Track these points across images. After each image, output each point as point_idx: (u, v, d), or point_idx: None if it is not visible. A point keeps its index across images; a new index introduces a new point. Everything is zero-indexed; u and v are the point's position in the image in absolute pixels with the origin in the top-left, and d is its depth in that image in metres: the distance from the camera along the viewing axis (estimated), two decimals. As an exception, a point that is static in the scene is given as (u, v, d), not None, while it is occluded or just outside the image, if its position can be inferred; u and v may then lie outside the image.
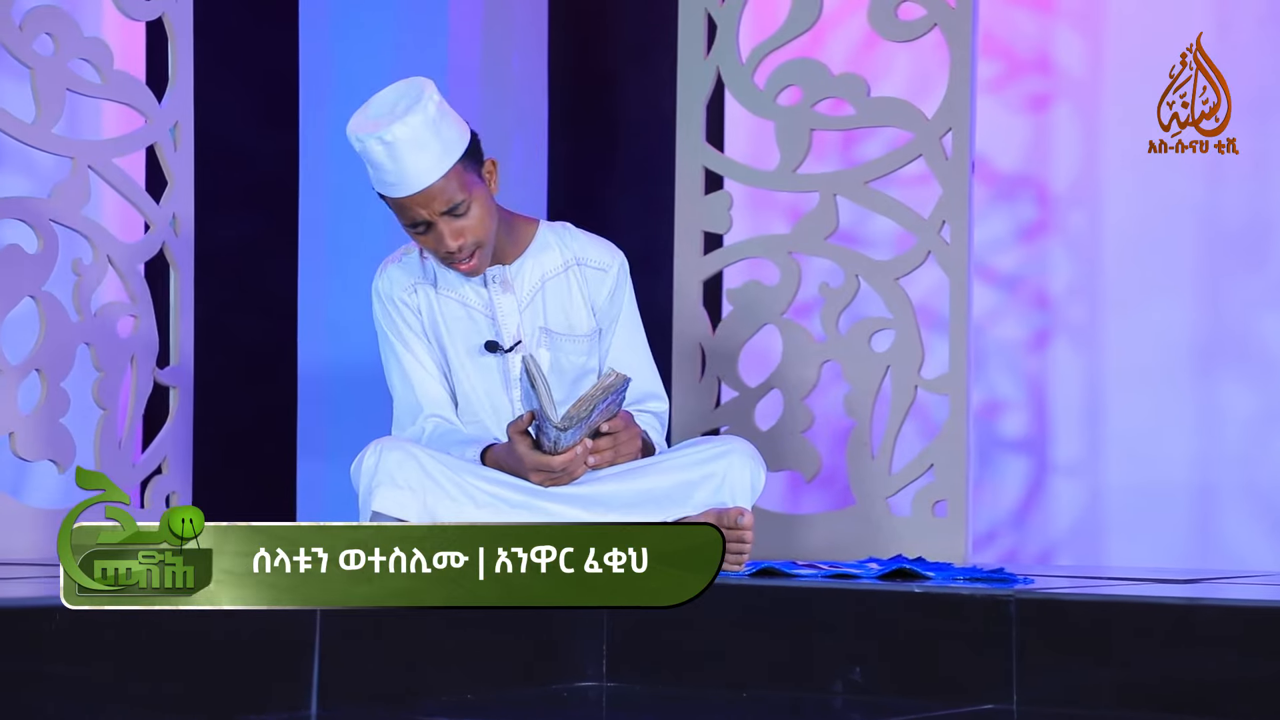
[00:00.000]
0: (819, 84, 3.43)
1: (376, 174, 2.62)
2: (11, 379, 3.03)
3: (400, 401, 2.74)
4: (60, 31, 3.13)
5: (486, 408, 2.69)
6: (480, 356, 2.69)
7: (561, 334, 2.71)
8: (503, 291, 2.71)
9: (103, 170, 3.21)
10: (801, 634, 2.27)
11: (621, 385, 2.47)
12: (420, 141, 2.57)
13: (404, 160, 2.57)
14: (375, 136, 2.57)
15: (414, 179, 2.57)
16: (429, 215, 2.60)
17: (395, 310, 2.73)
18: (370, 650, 2.08)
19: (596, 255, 2.76)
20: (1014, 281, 3.76)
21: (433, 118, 2.58)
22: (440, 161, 2.58)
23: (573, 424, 2.47)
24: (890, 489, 3.34)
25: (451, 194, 2.59)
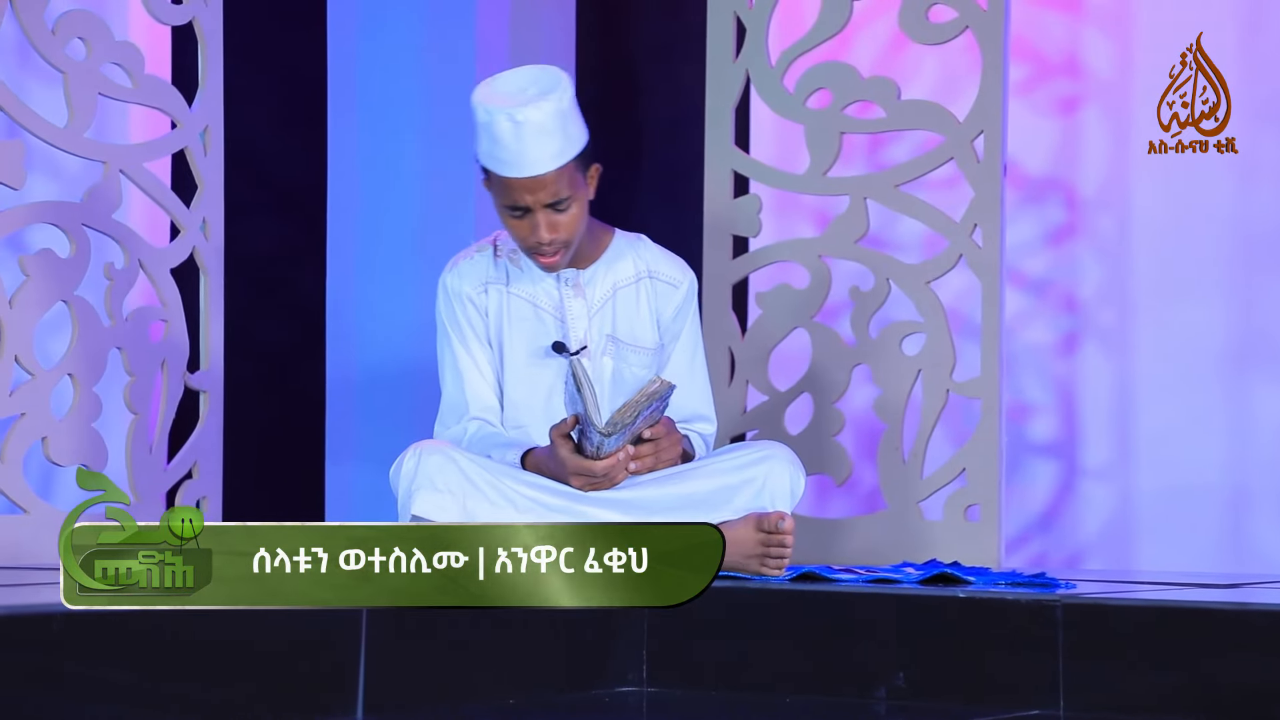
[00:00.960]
0: (849, 87, 3.42)
1: (493, 149, 2.61)
2: (44, 383, 3.03)
3: (448, 398, 2.74)
4: (92, 35, 3.13)
5: (540, 411, 2.68)
6: (542, 360, 2.69)
7: (627, 343, 2.73)
8: (574, 295, 2.72)
9: (134, 175, 3.21)
10: (844, 639, 2.26)
11: (666, 392, 2.46)
12: (547, 129, 2.58)
13: (527, 143, 2.57)
14: (506, 113, 2.57)
15: (531, 163, 2.58)
16: (532, 202, 2.61)
17: (461, 307, 2.73)
18: (414, 655, 2.07)
19: (669, 270, 2.78)
20: (1043, 285, 3.74)
21: (564, 109, 2.60)
22: (560, 154, 2.60)
23: (617, 430, 2.47)
24: (922, 493, 3.33)
25: (560, 188, 2.61)
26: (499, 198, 2.64)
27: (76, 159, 3.19)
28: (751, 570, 2.53)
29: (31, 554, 2.97)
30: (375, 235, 3.73)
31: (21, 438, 2.99)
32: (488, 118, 2.59)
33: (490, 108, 2.59)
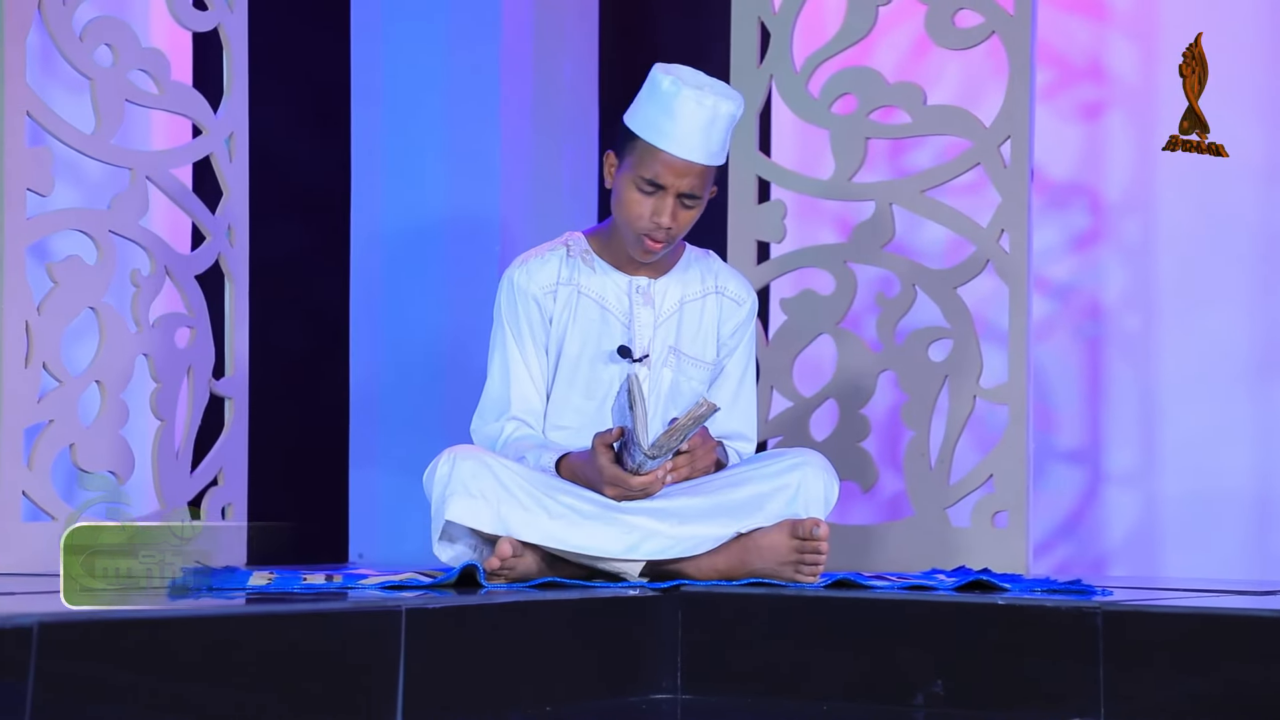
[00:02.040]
0: (875, 92, 3.41)
1: (662, 121, 2.63)
2: (72, 390, 3.03)
3: (491, 392, 2.74)
4: (119, 42, 3.13)
5: (590, 414, 2.68)
6: (600, 364, 2.69)
7: (689, 357, 2.73)
8: (644, 304, 2.72)
9: (159, 181, 3.21)
10: (881, 646, 2.25)
11: (710, 414, 2.46)
12: (720, 127, 2.65)
13: (703, 129, 2.63)
14: (696, 92, 2.63)
15: (695, 149, 2.63)
16: (673, 184, 2.63)
17: (524, 305, 2.73)
18: (453, 660, 2.06)
19: (735, 288, 2.81)
20: (1067, 290, 3.73)
21: (735, 121, 2.69)
22: (717, 154, 2.67)
23: (661, 453, 2.47)
24: (949, 499, 3.32)
25: (700, 184, 2.66)
26: (639, 168, 2.65)
27: (97, 165, 3.19)
28: (785, 577, 2.52)
29: (60, 561, 2.96)
30: (399, 240, 3.72)
31: (50, 444, 2.99)
32: (675, 90, 2.63)
33: (679, 81, 2.64)
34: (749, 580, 2.51)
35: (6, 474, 2.90)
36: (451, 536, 2.54)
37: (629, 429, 2.47)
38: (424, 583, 2.43)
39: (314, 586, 2.35)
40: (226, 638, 1.75)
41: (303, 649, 1.86)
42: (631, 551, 2.51)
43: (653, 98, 2.65)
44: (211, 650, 1.76)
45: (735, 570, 2.53)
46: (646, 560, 2.53)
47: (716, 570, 2.54)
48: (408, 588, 2.36)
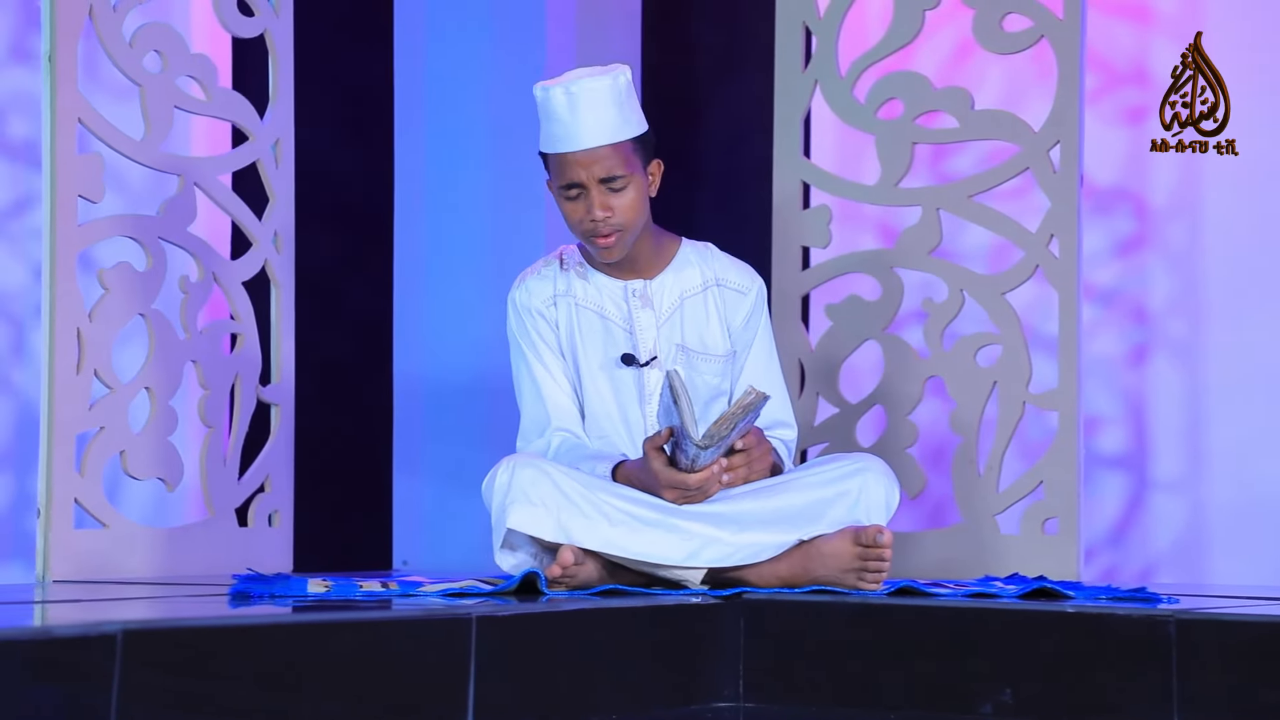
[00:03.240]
0: (922, 97, 3.40)
1: (550, 128, 2.64)
2: (123, 397, 3.02)
3: (528, 414, 2.73)
4: (168, 48, 3.12)
5: (618, 422, 2.67)
6: (616, 370, 2.68)
7: (697, 352, 2.71)
8: (642, 306, 2.70)
9: (207, 187, 3.20)
10: (948, 654, 2.24)
11: (761, 403, 2.44)
12: (601, 103, 2.62)
13: (582, 115, 2.61)
14: (561, 86, 2.63)
15: (585, 135, 2.61)
16: (587, 178, 2.62)
17: (532, 322, 2.73)
18: (522, 668, 2.05)
19: (736, 277, 2.78)
20: (1111, 296, 3.71)
21: (620, 89, 2.65)
22: (615, 130, 2.63)
23: (713, 442, 2.45)
24: (998, 506, 3.30)
25: (614, 164, 2.62)
26: (556, 179, 2.66)
27: (138, 172, 3.19)
28: (848, 584, 2.50)
29: (111, 567, 2.96)
30: (442, 248, 3.71)
31: (101, 451, 2.98)
32: (544, 94, 2.64)
33: (547, 86, 2.65)
34: (811, 588, 2.50)
35: (59, 481, 2.90)
36: (512, 545, 2.53)
37: (677, 426, 2.46)
38: (485, 590, 2.42)
39: (373, 594, 2.34)
40: (304, 645, 1.74)
41: (376, 656, 1.85)
42: (692, 559, 2.50)
43: (540, 113, 2.68)
44: (288, 657, 1.75)
45: (797, 578, 2.52)
46: (707, 568, 2.52)
47: (778, 578, 2.52)
48: (469, 595, 2.35)
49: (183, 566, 3.08)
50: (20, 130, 3.45)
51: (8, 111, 3.43)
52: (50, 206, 2.93)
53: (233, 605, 2.17)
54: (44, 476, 2.90)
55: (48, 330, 2.92)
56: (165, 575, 3.03)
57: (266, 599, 2.23)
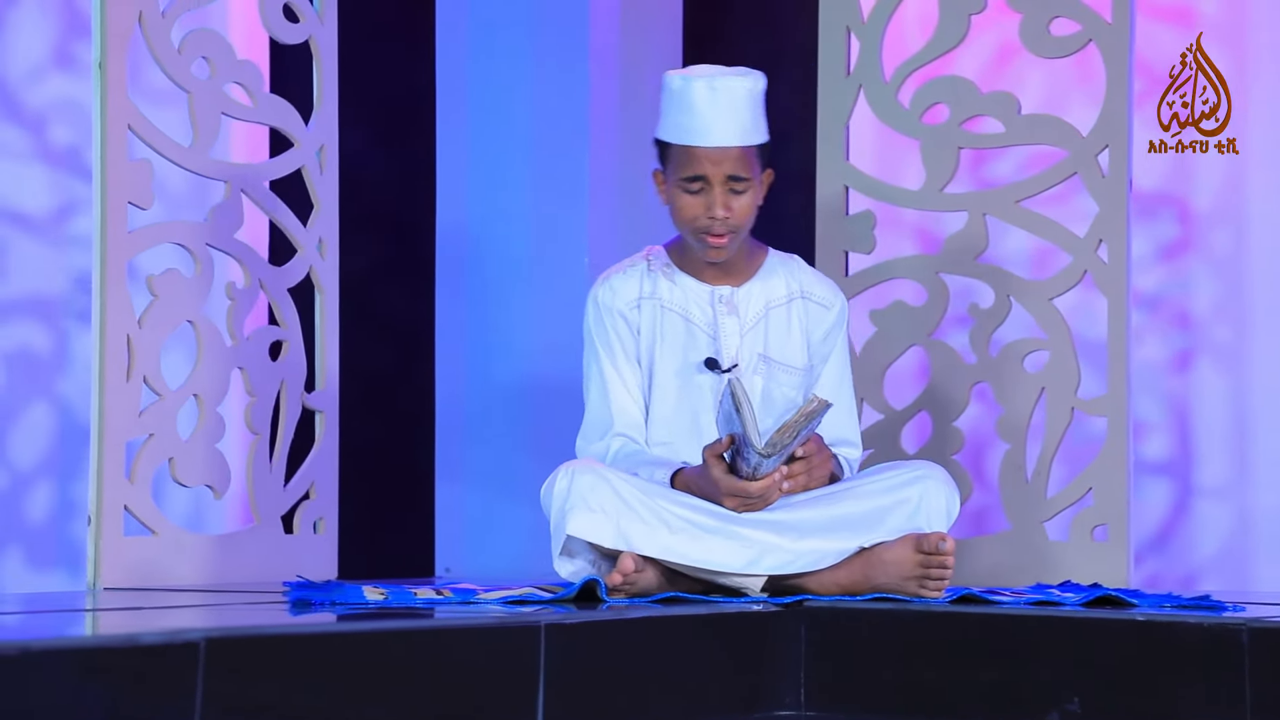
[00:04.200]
0: (968, 101, 3.38)
1: (682, 119, 2.63)
2: (171, 404, 3.01)
3: (592, 413, 2.72)
4: (216, 54, 3.12)
5: (688, 427, 2.65)
6: (694, 375, 2.67)
7: (778, 363, 2.70)
8: (728, 313, 2.69)
9: (254, 194, 3.20)
10: (1013, 663, 2.22)
11: (823, 411, 2.43)
12: (740, 103, 2.63)
13: (721, 111, 2.61)
14: (704, 80, 2.62)
15: (721, 133, 2.61)
16: (713, 174, 2.62)
17: (612, 322, 2.71)
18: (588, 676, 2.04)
19: (821, 292, 2.78)
20: (1155, 301, 3.69)
21: (757, 93, 2.66)
22: (748, 133, 2.64)
23: (775, 451, 2.43)
24: (1046, 513, 3.28)
25: (741, 166, 2.63)
26: (678, 172, 2.64)
27: (179, 179, 3.19)
28: (909, 592, 2.49)
29: (159, 575, 2.95)
30: (485, 253, 3.70)
31: (150, 459, 2.98)
32: (683, 85, 2.63)
33: (687, 76, 2.64)
34: (872, 595, 2.48)
35: (109, 488, 2.89)
36: (571, 551, 2.52)
37: (739, 434, 2.44)
38: (544, 598, 2.41)
39: (432, 601, 2.33)
40: (381, 653, 1.73)
41: (449, 663, 1.84)
42: (752, 566, 2.49)
43: (670, 101, 2.67)
44: (367, 665, 1.74)
45: (858, 585, 2.50)
46: (767, 575, 2.50)
47: (838, 585, 2.51)
48: (529, 602, 2.34)
49: (229, 574, 3.07)
50: (63, 137, 3.45)
51: (50, 119, 3.43)
52: (101, 213, 2.93)
53: (293, 613, 2.16)
54: (94, 484, 2.89)
55: (98, 337, 2.91)
56: (212, 582, 3.02)
57: (327, 606, 2.22)
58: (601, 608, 2.29)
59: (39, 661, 1.43)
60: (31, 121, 3.42)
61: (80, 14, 3.45)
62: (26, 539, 3.38)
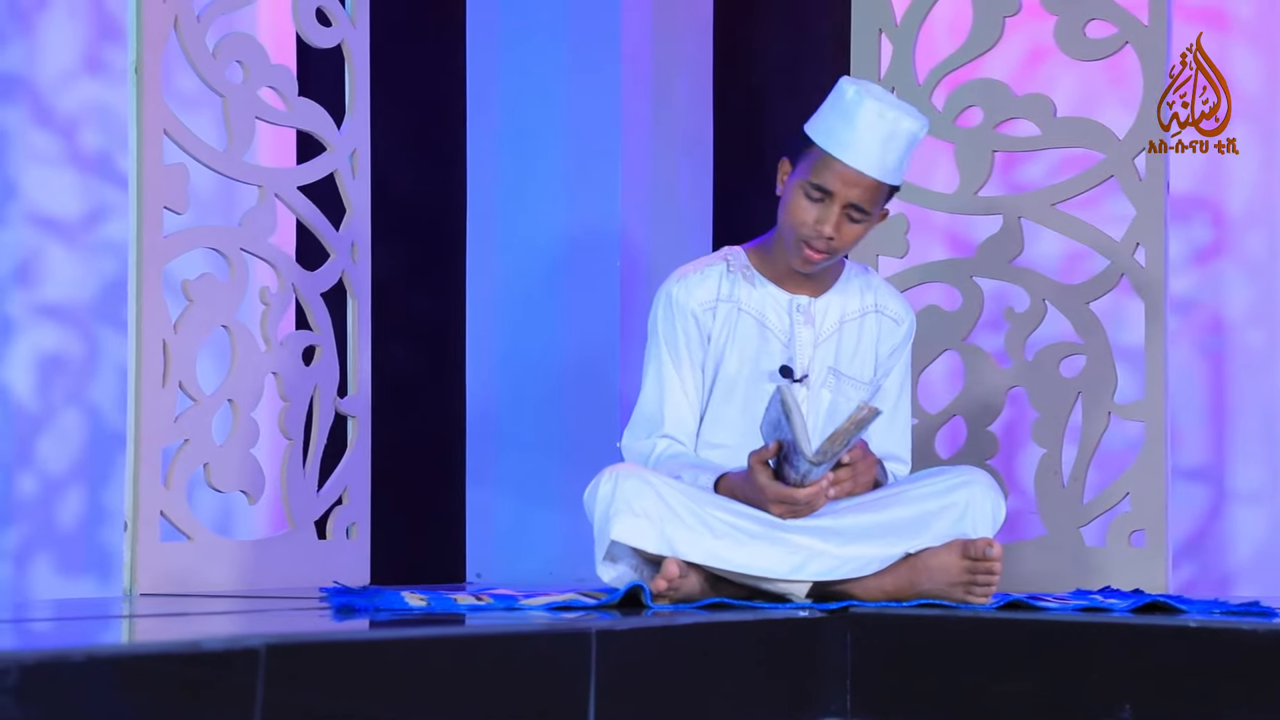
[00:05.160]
0: (1002, 104, 3.37)
1: (841, 130, 2.61)
2: (206, 409, 3.00)
3: (644, 407, 2.69)
4: (249, 59, 3.11)
5: (746, 431, 2.62)
6: (758, 381, 2.64)
7: (848, 377, 2.69)
8: (804, 323, 2.68)
9: (287, 198, 3.19)
10: (1063, 670, 2.20)
11: (871, 419, 2.41)
12: (898, 141, 2.61)
13: (879, 140, 2.60)
14: (878, 103, 2.61)
15: (869, 160, 2.59)
16: (841, 193, 2.60)
17: (682, 321, 2.69)
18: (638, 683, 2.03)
19: (895, 307, 2.77)
20: (1188, 305, 3.68)
21: (916, 140, 2.65)
22: (890, 171, 2.63)
23: (825, 458, 2.42)
24: (1083, 518, 3.26)
25: (869, 198, 2.62)
26: (809, 174, 2.62)
27: (208, 183, 3.17)
28: (955, 598, 2.47)
29: (194, 580, 2.94)
30: (516, 257, 3.68)
31: (185, 464, 2.96)
32: (858, 100, 2.61)
33: (861, 92, 2.62)
34: (918, 601, 2.47)
35: (146, 494, 2.88)
36: (614, 556, 2.50)
37: (788, 440, 2.42)
38: (588, 603, 2.40)
39: (476, 608, 2.31)
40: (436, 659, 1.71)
41: (502, 669, 1.82)
42: (797, 572, 2.47)
43: (834, 106, 2.64)
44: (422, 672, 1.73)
45: (904, 591, 2.48)
46: (812, 581, 2.48)
47: (884, 591, 2.49)
48: (573, 608, 2.32)
49: (263, 579, 3.06)
50: (92, 143, 3.44)
51: (80, 124, 3.43)
52: (137, 218, 2.92)
53: (338, 619, 2.15)
54: (130, 489, 2.87)
55: (134, 342, 2.90)
56: (246, 588, 3.01)
57: (371, 612, 2.20)
58: (646, 613, 2.28)
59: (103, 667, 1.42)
60: (62, 127, 3.41)
61: (110, 18, 3.45)
62: (57, 545, 3.37)
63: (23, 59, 3.36)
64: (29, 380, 3.35)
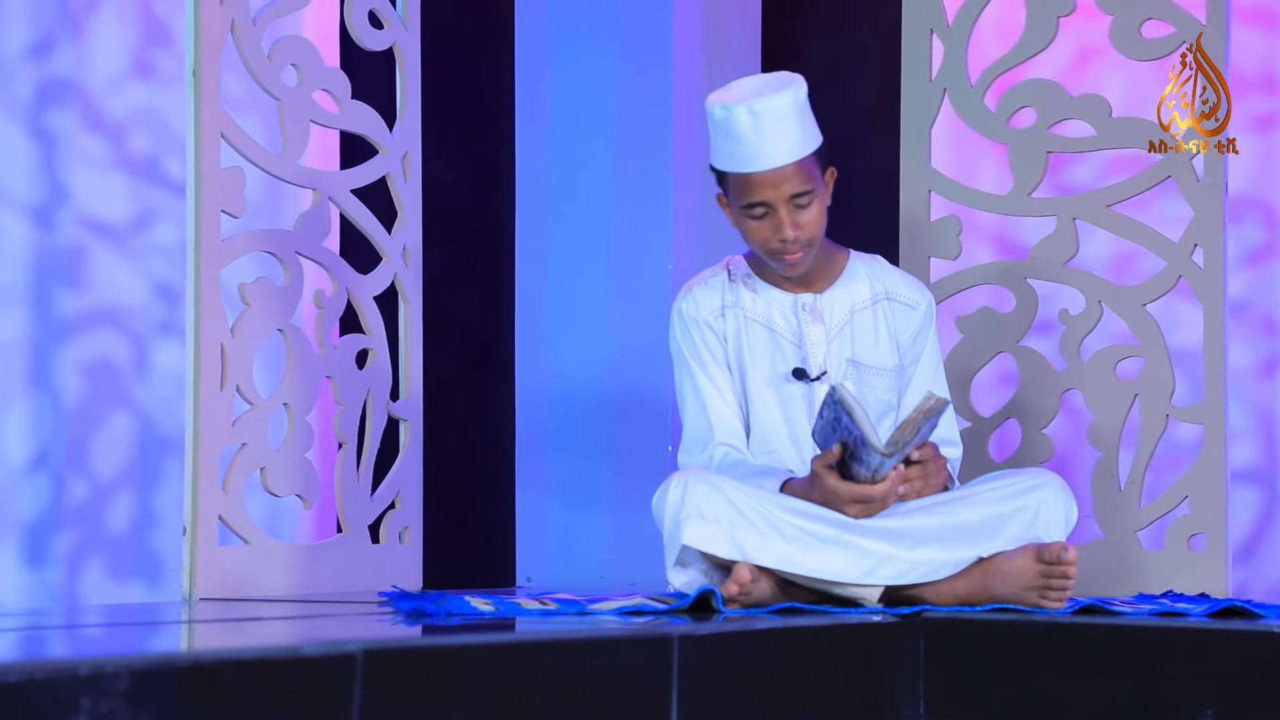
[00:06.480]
0: (1056, 105, 3.34)
1: (731, 147, 2.57)
2: (263, 413, 2.99)
3: (691, 426, 2.68)
4: (304, 62, 3.10)
5: (785, 437, 2.62)
6: (784, 385, 2.63)
7: (868, 366, 2.66)
8: (812, 320, 2.65)
9: (340, 201, 3.18)
10: (1142, 675, 2.18)
11: (941, 409, 2.39)
12: (786, 120, 2.56)
13: (767, 134, 2.54)
14: (744, 105, 2.54)
15: (773, 155, 2.55)
16: (775, 198, 2.56)
17: (699, 334, 2.68)
18: (718, 688, 2.01)
19: (906, 291, 2.73)
20: (1241, 306, 3.65)
21: (800, 102, 2.59)
22: (800, 145, 2.57)
23: (897, 449, 2.40)
24: (1140, 522, 3.24)
25: (801, 181, 2.57)
26: (738, 199, 2.60)
27: (256, 186, 3.16)
28: (1029, 602, 2.45)
29: (250, 585, 2.93)
30: (565, 259, 3.66)
31: (243, 468, 2.95)
32: (725, 114, 2.56)
33: (727, 103, 2.57)
34: (992, 606, 2.44)
35: (204, 498, 2.87)
36: (684, 561, 2.48)
37: (853, 438, 2.41)
38: (659, 608, 2.38)
39: (545, 613, 2.29)
40: (521, 665, 1.70)
41: (586, 675, 1.81)
42: (868, 576, 2.45)
43: (715, 130, 2.61)
44: (508, 677, 1.71)
45: (976, 595, 2.46)
46: (884, 586, 2.47)
47: (956, 596, 2.47)
48: (644, 613, 2.31)
49: (317, 584, 3.05)
50: (141, 146, 3.43)
51: (129, 128, 3.42)
52: (194, 222, 2.91)
53: (409, 623, 2.13)
54: (190, 494, 2.87)
55: (193, 346, 2.89)
56: (301, 592, 3.00)
57: (443, 617, 2.19)
58: (717, 618, 2.26)
59: (207, 672, 1.40)
60: (112, 131, 3.41)
61: (159, 22, 3.44)
62: (108, 549, 3.37)
63: (73, 63, 3.36)
64: (79, 384, 3.34)
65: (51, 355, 3.32)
